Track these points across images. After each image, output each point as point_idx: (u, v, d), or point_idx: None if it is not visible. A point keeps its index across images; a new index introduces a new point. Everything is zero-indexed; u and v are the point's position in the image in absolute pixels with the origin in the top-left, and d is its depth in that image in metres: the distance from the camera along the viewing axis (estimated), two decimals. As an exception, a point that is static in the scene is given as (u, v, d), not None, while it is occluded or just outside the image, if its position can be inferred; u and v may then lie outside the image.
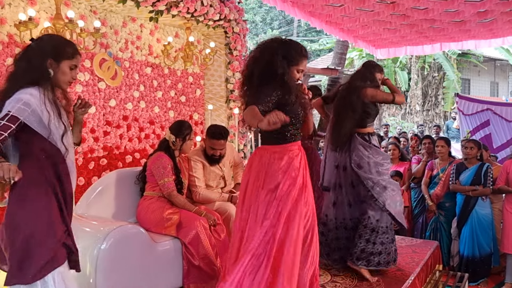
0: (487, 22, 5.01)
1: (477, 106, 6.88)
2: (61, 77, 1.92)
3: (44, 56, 1.89)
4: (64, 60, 1.92)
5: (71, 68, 1.95)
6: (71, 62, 1.94)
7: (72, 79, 1.97)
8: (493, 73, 18.52)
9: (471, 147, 4.29)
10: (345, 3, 4.54)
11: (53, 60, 1.90)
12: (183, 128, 3.24)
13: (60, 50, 1.92)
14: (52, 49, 1.92)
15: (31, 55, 1.90)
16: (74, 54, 1.95)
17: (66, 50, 1.94)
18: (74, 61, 1.95)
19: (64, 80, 1.94)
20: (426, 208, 4.67)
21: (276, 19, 24.52)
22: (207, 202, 3.40)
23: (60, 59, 1.91)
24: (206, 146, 3.46)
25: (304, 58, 2.30)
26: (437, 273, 3.71)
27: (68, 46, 1.97)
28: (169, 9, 3.66)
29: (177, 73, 4.32)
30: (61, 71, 1.92)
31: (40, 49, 1.91)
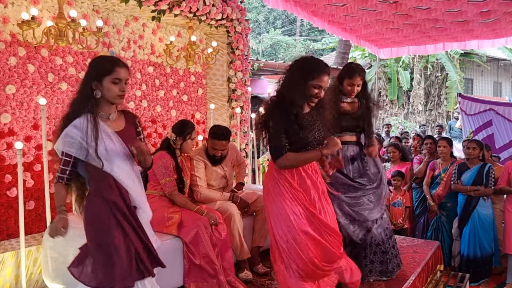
0: (490, 22, 5.00)
1: (479, 106, 6.87)
2: (107, 94, 2.01)
3: (89, 80, 2.01)
4: (105, 77, 1.99)
5: (114, 82, 2.00)
6: (111, 76, 1.99)
7: (121, 91, 2.03)
8: (496, 73, 18.46)
9: (474, 147, 4.28)
10: (348, 2, 4.54)
11: (96, 81, 2.00)
12: (185, 127, 3.25)
13: (99, 69, 2.01)
14: (93, 71, 2.03)
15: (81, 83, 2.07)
16: (112, 68, 2.01)
17: (104, 66, 2.01)
18: (115, 75, 2.00)
19: (111, 95, 2.01)
20: (428, 208, 4.67)
21: (279, 18, 24.51)
22: (208, 201, 3.41)
23: (101, 77, 1.99)
24: (208, 146, 3.47)
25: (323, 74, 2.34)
26: (438, 273, 3.71)
27: (106, 61, 2.05)
28: (171, 9, 3.67)
29: (179, 72, 4.33)
30: (105, 88, 2.00)
31: (86, 76, 2.06)
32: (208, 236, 2.99)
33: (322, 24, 5.27)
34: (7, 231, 3.01)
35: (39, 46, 3.08)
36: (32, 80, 3.10)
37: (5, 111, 2.97)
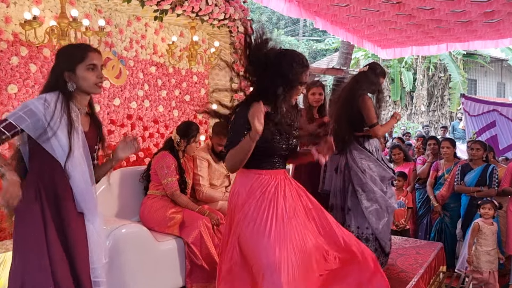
0: (494, 22, 4.98)
1: (483, 107, 6.84)
2: (83, 84, 1.82)
3: (60, 71, 1.81)
4: (78, 65, 1.80)
5: (90, 69, 1.82)
6: (85, 63, 1.81)
7: (98, 79, 1.84)
8: (500, 73, 18.39)
9: (477, 148, 4.26)
10: (351, 3, 4.52)
11: (68, 71, 1.81)
12: (189, 130, 3.24)
13: (70, 57, 1.82)
14: (64, 60, 1.83)
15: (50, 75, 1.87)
16: (84, 54, 1.82)
17: (75, 54, 1.82)
18: (88, 61, 1.82)
19: (89, 84, 1.82)
20: (431, 209, 4.65)
21: (282, 19, 24.49)
22: (210, 201, 3.41)
23: (74, 66, 1.80)
24: (213, 143, 3.47)
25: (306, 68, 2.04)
26: (441, 274, 3.69)
27: (76, 49, 1.86)
28: (173, 8, 3.66)
29: (181, 72, 4.32)
30: (80, 78, 1.81)
31: (55, 67, 1.85)
32: (210, 237, 2.99)
33: (324, 24, 5.25)
34: (9, 230, 3.01)
35: (41, 45, 3.07)
36: (34, 80, 3.09)
37: (7, 111, 2.97)
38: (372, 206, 2.99)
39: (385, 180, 3.09)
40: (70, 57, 1.82)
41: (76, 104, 1.85)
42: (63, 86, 1.79)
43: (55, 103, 1.76)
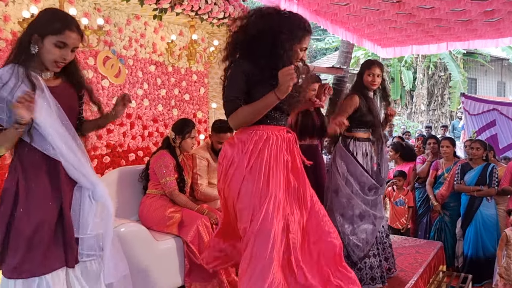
0: (494, 21, 4.97)
1: (483, 106, 6.83)
2: (44, 55, 1.69)
3: (31, 31, 1.69)
4: (48, 36, 1.67)
5: (58, 46, 1.68)
6: (57, 38, 1.67)
7: (61, 59, 1.71)
8: (500, 72, 18.39)
9: (477, 147, 4.26)
10: (351, 2, 4.51)
11: (38, 35, 1.68)
12: (184, 126, 3.25)
13: (46, 24, 1.69)
14: (39, 24, 1.71)
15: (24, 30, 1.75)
16: (62, 29, 1.68)
17: (53, 24, 1.68)
18: (62, 38, 1.68)
19: (48, 58, 1.70)
20: (431, 208, 4.65)
21: (282, 18, 24.45)
22: (208, 199, 3.40)
23: (45, 34, 1.67)
24: (213, 141, 3.47)
25: (308, 33, 1.99)
26: (440, 274, 3.69)
27: (58, 20, 1.71)
28: (173, 7, 3.65)
29: (181, 71, 4.32)
30: (45, 48, 1.68)
31: (30, 24, 1.73)
32: (209, 236, 2.98)
33: (324, 23, 5.24)
34: None
35: (40, 44, 3.06)
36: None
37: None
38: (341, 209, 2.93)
39: (365, 187, 2.95)
40: (47, 23, 1.70)
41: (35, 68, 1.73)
42: (27, 45, 1.69)
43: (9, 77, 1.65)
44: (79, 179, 1.78)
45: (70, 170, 1.75)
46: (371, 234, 2.92)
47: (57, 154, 1.72)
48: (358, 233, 2.89)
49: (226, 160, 2.01)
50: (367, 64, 3.01)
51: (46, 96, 1.71)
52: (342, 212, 2.92)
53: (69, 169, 1.75)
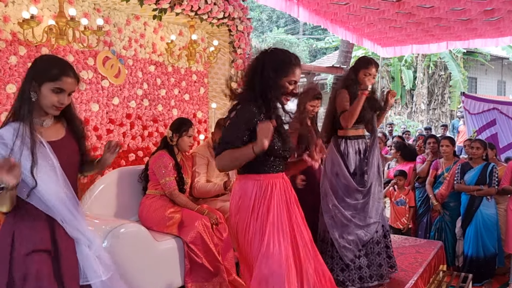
0: (494, 20, 4.97)
1: (483, 105, 6.82)
2: (42, 101, 1.73)
3: (30, 79, 1.74)
4: (45, 83, 1.72)
5: (55, 91, 1.73)
6: (54, 84, 1.72)
7: (59, 103, 1.75)
8: (500, 71, 18.36)
9: (477, 147, 4.26)
10: (351, 1, 4.51)
11: (35, 82, 1.73)
12: (182, 124, 3.26)
13: (43, 72, 1.74)
14: (36, 71, 1.76)
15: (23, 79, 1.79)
16: (58, 76, 1.73)
17: (50, 71, 1.74)
18: (58, 84, 1.73)
19: (46, 104, 1.73)
20: (431, 208, 4.65)
21: (282, 17, 24.47)
22: (204, 194, 3.40)
23: (42, 81, 1.73)
24: (216, 139, 3.48)
25: (295, 66, 2.01)
26: (440, 273, 3.69)
27: (54, 67, 1.76)
28: (172, 7, 3.65)
29: (180, 71, 4.32)
30: (42, 94, 1.72)
31: (28, 72, 1.78)
32: (209, 236, 2.99)
33: (324, 23, 5.24)
34: None
35: (40, 45, 3.06)
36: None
37: (6, 110, 2.96)
38: (329, 212, 2.93)
39: (349, 190, 2.93)
40: (44, 71, 1.75)
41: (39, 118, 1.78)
42: (28, 94, 1.73)
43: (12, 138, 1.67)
44: (76, 236, 1.80)
45: (67, 228, 1.77)
46: (361, 237, 2.90)
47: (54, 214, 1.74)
48: (346, 235, 2.88)
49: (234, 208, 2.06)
50: (365, 63, 2.97)
51: (50, 156, 1.73)
52: (331, 215, 2.92)
53: (66, 227, 1.77)
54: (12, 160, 1.56)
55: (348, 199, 2.92)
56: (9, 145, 1.66)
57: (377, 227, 2.98)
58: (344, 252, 2.87)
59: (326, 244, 2.96)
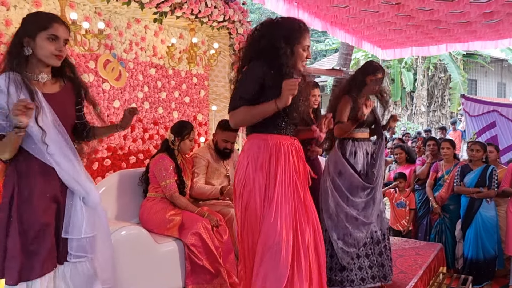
0: (493, 23, 4.98)
1: (483, 107, 6.83)
2: (40, 52, 1.75)
3: (21, 35, 1.76)
4: (38, 33, 1.74)
5: (50, 39, 1.75)
6: (47, 32, 1.75)
7: (57, 51, 1.77)
8: (500, 73, 18.39)
9: (477, 149, 4.26)
10: (350, 4, 4.53)
11: (28, 37, 1.75)
12: (183, 127, 3.27)
13: (34, 24, 1.76)
14: (27, 26, 1.78)
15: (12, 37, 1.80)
16: (49, 24, 1.75)
17: (39, 22, 1.76)
18: (52, 31, 1.75)
19: (45, 54, 1.76)
20: (431, 210, 4.65)
21: (282, 19, 24.48)
22: (201, 195, 3.41)
23: (35, 33, 1.75)
24: (218, 140, 3.49)
25: (305, 31, 2.03)
26: (440, 275, 3.70)
27: (42, 17, 1.79)
28: (173, 11, 3.67)
29: (181, 74, 4.33)
30: (38, 46, 1.75)
31: (18, 30, 1.80)
32: (210, 238, 3.00)
33: (324, 26, 5.26)
34: None
35: (41, 48, 3.08)
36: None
37: (8, 113, 2.98)
38: (329, 213, 2.93)
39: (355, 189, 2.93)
40: (34, 23, 1.77)
41: (30, 73, 1.79)
42: (20, 50, 1.75)
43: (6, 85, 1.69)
44: (73, 186, 1.83)
45: (64, 176, 1.81)
46: (359, 239, 2.90)
47: (51, 161, 1.76)
48: (345, 237, 2.88)
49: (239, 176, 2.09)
50: (373, 69, 2.98)
51: (42, 103, 1.76)
52: (330, 216, 2.92)
53: (63, 176, 1.81)
54: (27, 100, 1.61)
55: (352, 197, 2.93)
56: (4, 91, 1.68)
57: (376, 227, 2.99)
58: (341, 254, 2.88)
59: (325, 242, 2.96)
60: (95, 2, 3.34)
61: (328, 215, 2.94)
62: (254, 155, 2.03)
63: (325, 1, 4.46)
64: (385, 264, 2.96)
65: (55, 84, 1.88)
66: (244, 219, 2.06)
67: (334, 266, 2.90)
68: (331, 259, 2.91)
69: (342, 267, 2.88)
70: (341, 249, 2.87)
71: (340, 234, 2.89)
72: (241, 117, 1.97)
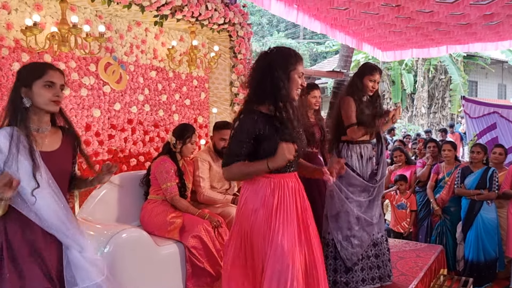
0: (494, 24, 5.00)
1: (483, 109, 6.82)
2: (38, 100, 1.77)
3: (18, 88, 1.79)
4: (34, 82, 1.78)
5: (47, 86, 1.78)
6: (43, 79, 1.78)
7: (55, 96, 1.80)
8: (500, 75, 18.39)
9: (478, 151, 4.27)
10: (350, 6, 4.54)
11: (25, 87, 1.78)
12: (185, 131, 3.27)
13: (28, 74, 1.80)
14: (22, 77, 1.81)
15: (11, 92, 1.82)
16: (43, 71, 1.79)
17: (34, 71, 1.80)
18: (46, 77, 1.78)
19: (43, 101, 1.78)
20: (431, 212, 4.65)
21: (283, 21, 24.54)
22: (211, 203, 3.42)
23: (31, 82, 1.78)
24: (215, 141, 3.52)
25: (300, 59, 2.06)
26: (441, 277, 3.69)
27: (36, 66, 1.86)
28: (173, 14, 3.68)
29: (181, 76, 4.34)
30: (35, 94, 1.77)
31: (14, 84, 1.82)
32: (211, 240, 3.00)
33: (324, 28, 5.27)
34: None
35: (42, 51, 3.10)
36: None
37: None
38: (335, 216, 2.93)
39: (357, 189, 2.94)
40: (29, 73, 1.81)
41: (34, 124, 1.80)
42: (20, 102, 1.77)
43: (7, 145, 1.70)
44: (66, 243, 1.81)
45: (59, 236, 1.79)
46: (364, 240, 2.92)
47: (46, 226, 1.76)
48: (351, 239, 2.89)
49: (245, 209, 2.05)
50: (369, 70, 3.00)
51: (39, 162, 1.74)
52: (336, 219, 2.93)
53: (59, 236, 1.79)
54: (9, 175, 1.61)
55: (355, 197, 2.94)
56: (4, 151, 1.68)
57: (377, 228, 3.01)
58: (348, 256, 2.89)
59: (328, 245, 2.97)
60: (96, 5, 3.35)
61: (333, 217, 2.95)
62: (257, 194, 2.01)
63: (325, 3, 4.47)
64: (382, 265, 2.98)
65: (55, 135, 1.89)
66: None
67: (339, 268, 2.92)
68: (335, 261, 2.92)
69: (347, 268, 2.89)
70: (346, 250, 2.88)
71: (345, 236, 2.90)
72: (232, 174, 2.00)
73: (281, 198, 1.99)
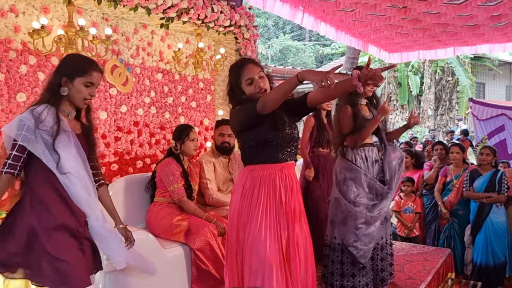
0: (501, 26, 4.95)
1: (491, 111, 6.78)
2: (75, 95, 1.96)
3: (60, 75, 1.95)
4: (77, 78, 1.95)
5: (86, 85, 1.96)
6: (85, 79, 1.95)
7: (89, 96, 1.99)
8: (508, 77, 18.24)
9: (487, 153, 4.23)
10: (357, 8, 4.52)
11: (67, 78, 1.94)
12: (181, 131, 3.30)
13: (74, 68, 1.96)
14: (67, 68, 1.97)
15: (52, 74, 2.00)
16: (87, 71, 1.96)
17: (80, 67, 1.96)
18: (89, 78, 1.96)
19: (78, 97, 1.97)
20: (439, 215, 4.61)
21: (289, 23, 24.56)
22: (220, 205, 3.42)
23: (74, 77, 1.94)
24: (215, 139, 3.55)
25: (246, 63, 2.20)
26: (449, 281, 3.66)
27: (83, 63, 1.99)
28: (179, 16, 3.69)
29: (187, 79, 4.35)
30: (75, 89, 1.95)
31: (58, 68, 1.99)
32: (217, 243, 2.99)
33: (329, 31, 5.26)
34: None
35: (49, 54, 3.11)
36: (42, 88, 3.13)
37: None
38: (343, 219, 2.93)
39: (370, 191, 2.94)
40: (75, 66, 1.96)
41: (63, 109, 1.98)
42: (57, 88, 1.93)
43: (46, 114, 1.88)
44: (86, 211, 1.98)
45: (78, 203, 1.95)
46: (373, 235, 2.94)
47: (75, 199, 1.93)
48: (363, 238, 2.89)
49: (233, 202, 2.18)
50: None
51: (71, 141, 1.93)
52: (344, 223, 2.92)
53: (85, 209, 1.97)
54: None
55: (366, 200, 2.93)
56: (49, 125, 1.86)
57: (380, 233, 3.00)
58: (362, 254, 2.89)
59: (334, 250, 2.96)
60: (103, 8, 3.36)
61: (340, 223, 2.94)
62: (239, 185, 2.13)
63: (332, 5, 4.46)
64: (385, 269, 3.02)
65: (76, 122, 2.07)
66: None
67: (345, 272, 2.91)
68: (341, 266, 2.92)
69: (355, 272, 2.90)
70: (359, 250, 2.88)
71: (356, 237, 2.89)
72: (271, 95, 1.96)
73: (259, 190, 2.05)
